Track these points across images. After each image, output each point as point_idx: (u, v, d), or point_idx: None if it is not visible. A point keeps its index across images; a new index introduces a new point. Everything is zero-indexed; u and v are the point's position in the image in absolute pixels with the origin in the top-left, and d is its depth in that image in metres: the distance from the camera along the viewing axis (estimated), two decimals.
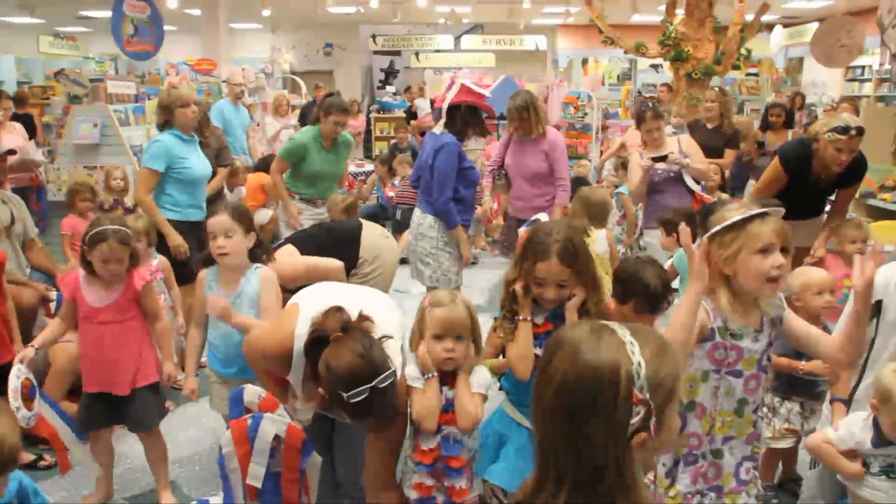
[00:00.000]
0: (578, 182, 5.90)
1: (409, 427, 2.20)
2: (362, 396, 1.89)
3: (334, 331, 2.00)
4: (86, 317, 2.83)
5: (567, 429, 1.12)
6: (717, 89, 6.49)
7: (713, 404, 2.06)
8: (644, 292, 2.66)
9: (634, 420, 1.08)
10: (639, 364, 1.09)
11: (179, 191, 4.21)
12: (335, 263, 3.06)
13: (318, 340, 2.02)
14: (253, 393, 2.31)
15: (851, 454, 2.34)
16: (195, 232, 4.18)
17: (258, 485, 2.26)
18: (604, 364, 1.09)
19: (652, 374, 1.09)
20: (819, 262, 3.90)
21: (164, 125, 4.22)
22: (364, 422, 2.05)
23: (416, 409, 2.12)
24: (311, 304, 2.24)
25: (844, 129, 3.73)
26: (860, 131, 3.75)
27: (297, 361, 2.20)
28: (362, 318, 2.08)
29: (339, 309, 2.08)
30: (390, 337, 2.12)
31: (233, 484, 2.32)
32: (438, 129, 4.10)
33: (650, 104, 5.26)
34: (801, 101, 10.77)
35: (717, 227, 1.98)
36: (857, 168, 3.92)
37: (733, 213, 1.97)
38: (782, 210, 2.00)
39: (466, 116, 4.00)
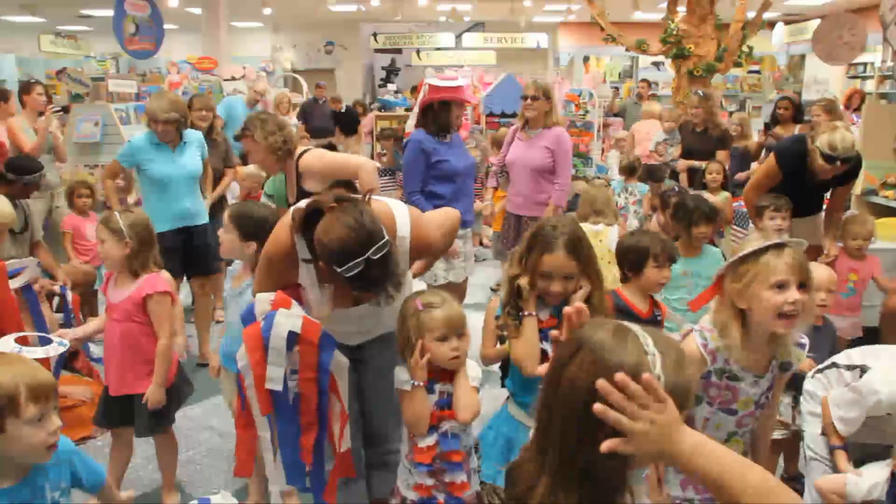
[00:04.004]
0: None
1: (405, 430, 2.20)
2: (357, 270, 1.88)
3: (328, 203, 1.97)
4: (106, 311, 2.92)
5: (574, 430, 1.12)
6: (699, 94, 6.49)
7: (700, 432, 2.05)
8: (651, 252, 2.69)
9: None
10: (658, 377, 1.08)
11: (150, 191, 4.32)
12: (368, 162, 3.15)
13: (312, 214, 1.99)
14: (264, 301, 2.16)
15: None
16: (174, 238, 4.23)
17: (278, 387, 2.10)
18: (626, 368, 1.08)
19: (669, 385, 1.09)
20: (833, 262, 3.90)
21: (149, 126, 4.37)
22: (367, 293, 2.02)
23: (406, 414, 2.12)
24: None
25: (831, 159, 3.70)
26: (846, 161, 3.72)
27: (300, 250, 2.14)
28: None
29: (335, 186, 2.06)
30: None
31: (249, 400, 2.18)
32: (409, 128, 4.14)
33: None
34: (797, 99, 10.77)
35: (731, 259, 1.94)
36: (850, 167, 3.91)
37: (751, 243, 1.91)
38: (804, 243, 1.92)
39: (438, 113, 3.96)
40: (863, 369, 2.41)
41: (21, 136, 5.61)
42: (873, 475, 2.30)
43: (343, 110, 11.09)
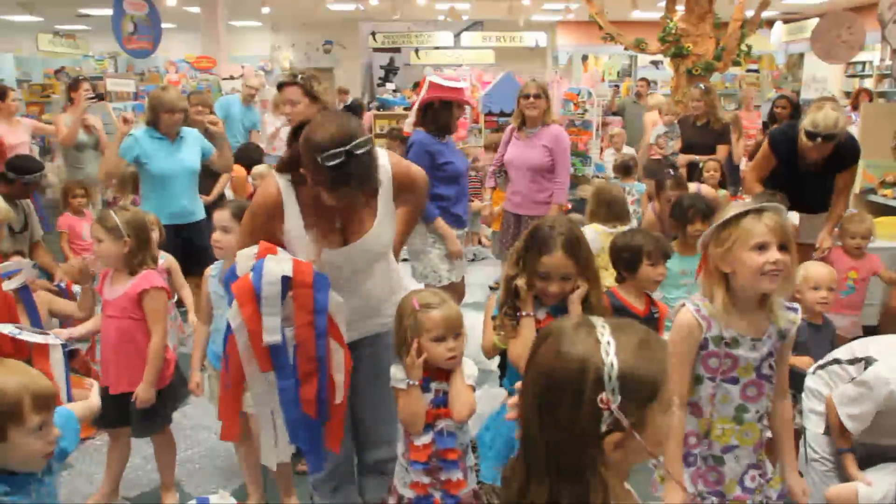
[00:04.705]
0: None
1: (401, 428, 2.20)
2: (338, 160, 1.92)
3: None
4: (102, 308, 2.91)
5: (537, 420, 1.12)
6: (701, 87, 6.49)
7: (709, 410, 2.04)
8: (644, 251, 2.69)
9: (603, 421, 1.06)
10: (611, 365, 1.06)
11: (150, 189, 4.33)
12: None
13: (302, 125, 2.06)
14: (246, 256, 2.07)
15: None
16: (170, 234, 4.23)
17: (276, 338, 1.98)
18: (572, 360, 1.09)
19: (628, 372, 1.07)
20: (826, 256, 3.92)
21: (149, 123, 4.35)
22: (344, 192, 2.02)
23: (401, 412, 2.12)
24: None
25: (812, 135, 3.78)
26: (828, 138, 3.77)
27: (286, 194, 2.15)
28: None
29: None
30: None
31: (245, 360, 2.07)
32: (408, 127, 4.08)
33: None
34: (795, 98, 10.80)
35: (713, 226, 1.96)
36: (843, 152, 3.95)
37: (731, 209, 1.95)
38: (781, 207, 1.95)
39: (440, 113, 3.94)
40: (868, 361, 2.37)
41: (61, 127, 5.80)
42: (884, 482, 2.28)
43: (349, 103, 11.07)
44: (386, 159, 2.25)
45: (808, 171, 3.99)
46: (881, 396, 2.25)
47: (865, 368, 2.35)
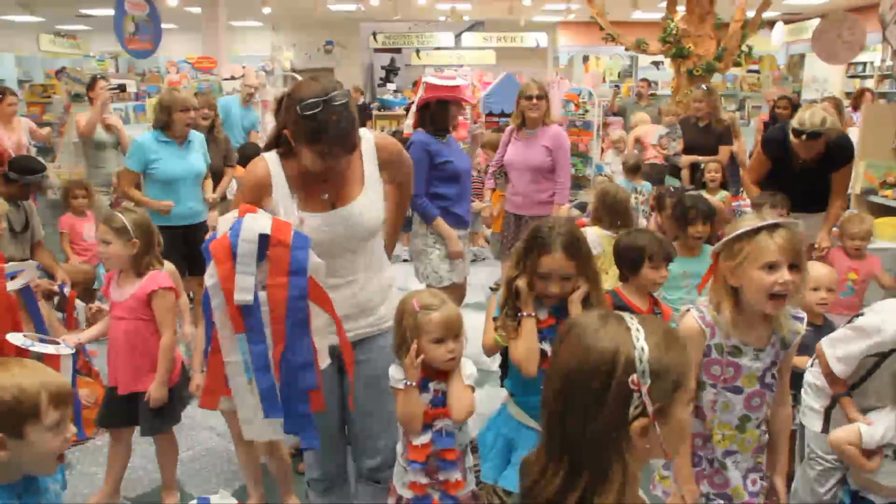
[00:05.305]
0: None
1: (400, 427, 2.19)
2: (316, 109, 1.98)
3: None
4: (110, 310, 2.91)
5: (566, 410, 1.13)
6: (703, 88, 6.48)
7: (711, 416, 2.05)
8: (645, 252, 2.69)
9: (632, 406, 1.08)
10: (642, 349, 1.09)
11: (157, 192, 4.32)
12: None
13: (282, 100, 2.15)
14: (227, 221, 2.02)
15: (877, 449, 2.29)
16: (177, 235, 4.22)
17: (248, 298, 1.91)
18: (604, 347, 1.11)
19: (655, 361, 1.09)
20: (825, 256, 3.92)
21: (159, 125, 4.33)
22: (324, 146, 2.03)
23: (399, 413, 2.12)
24: None
25: (798, 132, 3.83)
26: (812, 136, 3.80)
27: (274, 169, 2.17)
28: None
29: None
30: None
31: (220, 323, 1.98)
32: (408, 129, 4.07)
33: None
34: (796, 98, 10.82)
35: (726, 238, 1.96)
36: (835, 151, 3.96)
37: (746, 222, 1.94)
38: (799, 223, 1.95)
39: (437, 112, 3.93)
40: (859, 315, 2.39)
41: (81, 121, 5.86)
42: (883, 419, 2.28)
43: (359, 103, 11.11)
44: (368, 132, 2.29)
45: (801, 170, 4.01)
46: (871, 341, 2.26)
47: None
